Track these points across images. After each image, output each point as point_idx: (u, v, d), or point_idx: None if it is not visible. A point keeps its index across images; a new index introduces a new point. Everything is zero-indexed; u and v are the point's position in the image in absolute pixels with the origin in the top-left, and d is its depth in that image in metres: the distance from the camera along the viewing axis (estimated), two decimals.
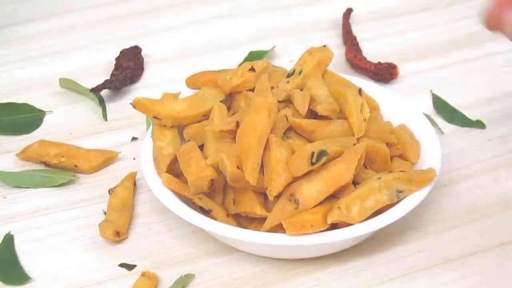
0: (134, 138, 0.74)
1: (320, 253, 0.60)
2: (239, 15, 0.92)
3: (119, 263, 0.61)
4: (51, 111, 0.78)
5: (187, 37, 0.89)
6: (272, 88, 0.64)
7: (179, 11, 0.93)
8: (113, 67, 0.82)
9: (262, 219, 0.59)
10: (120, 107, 0.78)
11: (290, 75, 0.66)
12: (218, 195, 0.62)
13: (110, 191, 0.66)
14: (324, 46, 0.68)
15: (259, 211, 0.59)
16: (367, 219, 0.58)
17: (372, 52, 0.83)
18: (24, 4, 0.95)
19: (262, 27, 0.90)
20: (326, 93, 0.63)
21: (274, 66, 0.69)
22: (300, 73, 0.65)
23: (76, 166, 0.69)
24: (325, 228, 0.57)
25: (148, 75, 0.83)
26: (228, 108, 0.65)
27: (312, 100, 0.62)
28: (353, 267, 0.61)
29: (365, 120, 0.62)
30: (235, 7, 0.93)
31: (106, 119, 0.76)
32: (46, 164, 0.70)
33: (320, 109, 0.61)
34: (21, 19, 0.92)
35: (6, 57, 0.86)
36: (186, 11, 0.93)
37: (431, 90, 0.78)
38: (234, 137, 0.59)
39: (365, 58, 0.81)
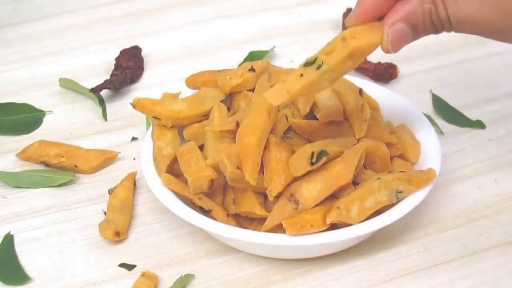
0: (134, 138, 0.74)
1: (320, 253, 0.60)
2: (239, 15, 0.92)
3: (119, 263, 0.61)
4: (51, 111, 0.78)
5: (187, 37, 0.89)
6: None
7: (179, 11, 0.93)
8: (113, 67, 0.82)
9: (262, 219, 0.59)
10: (120, 107, 0.78)
11: (309, 64, 0.54)
12: (218, 195, 0.62)
13: (110, 191, 0.67)
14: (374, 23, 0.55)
15: (259, 211, 0.59)
16: (366, 219, 0.58)
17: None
18: (24, 4, 0.95)
19: (262, 27, 0.90)
20: (329, 93, 0.63)
21: (274, 66, 0.69)
22: (319, 67, 0.53)
23: (76, 166, 0.69)
24: (325, 228, 0.57)
25: (148, 75, 0.83)
26: (228, 108, 0.65)
27: (314, 105, 0.62)
28: (353, 267, 0.61)
29: (365, 120, 0.62)
30: (235, 7, 0.93)
31: (106, 119, 0.76)
32: (46, 164, 0.70)
33: (321, 116, 0.61)
34: (21, 19, 0.92)
35: (6, 57, 0.86)
36: (186, 11, 0.93)
37: (431, 90, 0.78)
38: (234, 137, 0.59)
39: (365, 58, 0.81)
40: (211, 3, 0.94)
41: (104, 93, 0.79)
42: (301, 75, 0.54)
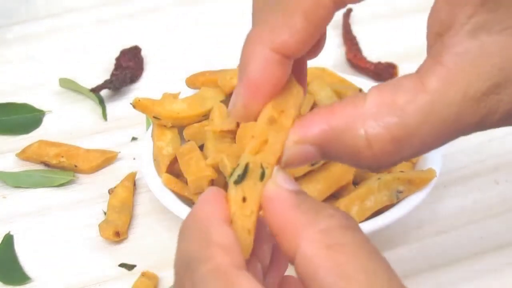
0: (134, 138, 0.74)
1: None
2: (239, 15, 0.92)
3: (119, 263, 0.61)
4: (51, 111, 0.78)
5: (187, 37, 0.89)
6: None
7: (179, 11, 0.93)
8: (113, 67, 0.82)
9: None
10: (120, 107, 0.78)
11: (241, 178, 0.38)
12: None
13: (110, 191, 0.66)
14: None
15: None
16: (367, 219, 0.58)
17: (372, 52, 0.83)
18: (24, 4, 0.95)
19: None
20: (329, 93, 0.62)
21: None
22: (262, 175, 0.37)
23: (76, 166, 0.69)
24: None
25: (148, 75, 0.83)
26: None
27: (314, 105, 0.62)
28: None
29: None
30: (235, 7, 0.93)
31: (106, 119, 0.76)
32: (46, 164, 0.70)
33: None
34: (21, 19, 0.92)
35: (6, 57, 0.86)
36: (186, 11, 0.93)
37: None
38: (234, 137, 0.59)
39: (365, 58, 0.81)
40: (211, 3, 0.94)
41: (104, 93, 0.79)
42: (244, 199, 0.37)
